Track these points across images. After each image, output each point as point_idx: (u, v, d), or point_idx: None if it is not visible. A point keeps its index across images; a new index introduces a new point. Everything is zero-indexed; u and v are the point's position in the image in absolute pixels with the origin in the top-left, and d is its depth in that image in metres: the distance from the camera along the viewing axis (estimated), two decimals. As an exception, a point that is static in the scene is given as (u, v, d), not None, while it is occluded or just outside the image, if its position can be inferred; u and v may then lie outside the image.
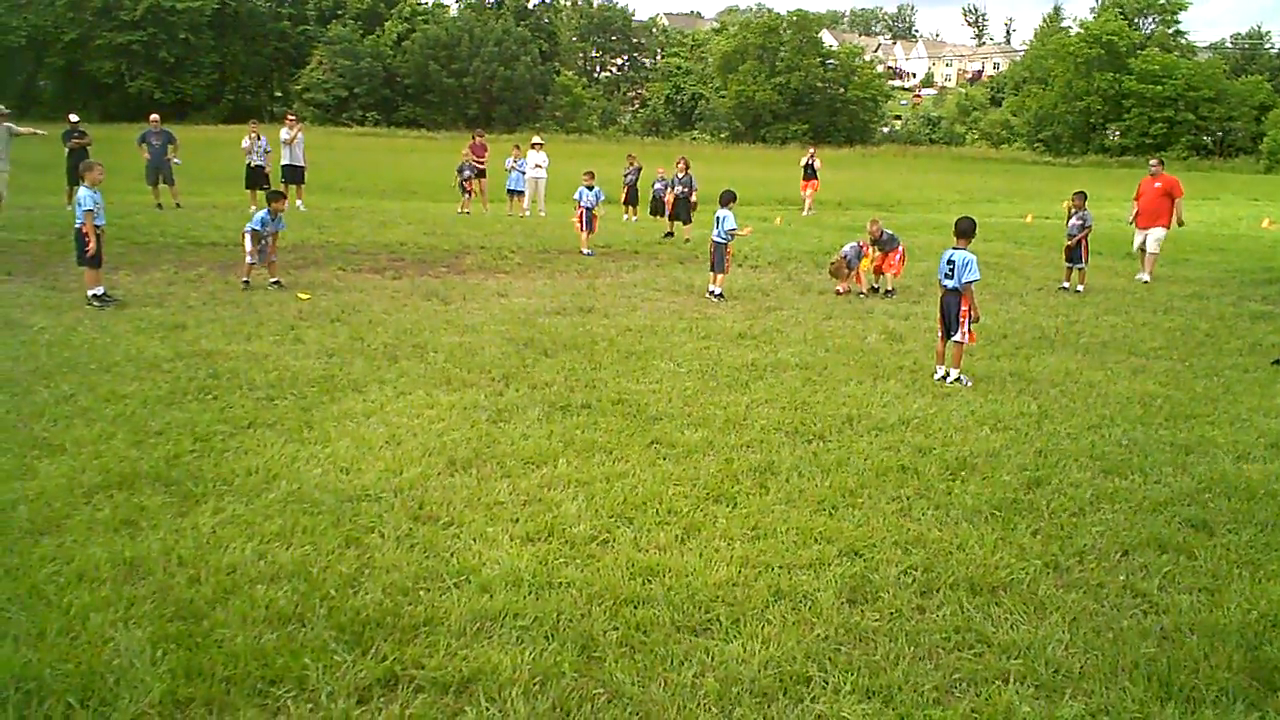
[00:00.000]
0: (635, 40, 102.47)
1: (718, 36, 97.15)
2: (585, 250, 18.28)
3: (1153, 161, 18.11)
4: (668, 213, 22.43)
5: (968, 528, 5.83)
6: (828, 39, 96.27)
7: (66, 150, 22.46)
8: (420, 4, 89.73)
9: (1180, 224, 17.72)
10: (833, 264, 14.93)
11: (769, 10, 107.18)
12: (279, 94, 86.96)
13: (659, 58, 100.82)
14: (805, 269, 17.25)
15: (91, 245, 11.62)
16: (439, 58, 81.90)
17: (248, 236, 13.25)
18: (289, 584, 4.82)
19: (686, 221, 21.64)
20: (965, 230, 9.56)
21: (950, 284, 9.37)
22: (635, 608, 4.75)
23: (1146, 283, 16.47)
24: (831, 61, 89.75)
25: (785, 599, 4.91)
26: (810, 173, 30.60)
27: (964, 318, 9.31)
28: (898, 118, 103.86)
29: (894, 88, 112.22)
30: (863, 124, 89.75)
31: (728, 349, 10.53)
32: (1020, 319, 12.75)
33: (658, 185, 25.06)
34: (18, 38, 73.91)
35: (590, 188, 18.87)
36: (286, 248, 17.13)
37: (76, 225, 11.84)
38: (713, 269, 14.09)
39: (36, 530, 5.36)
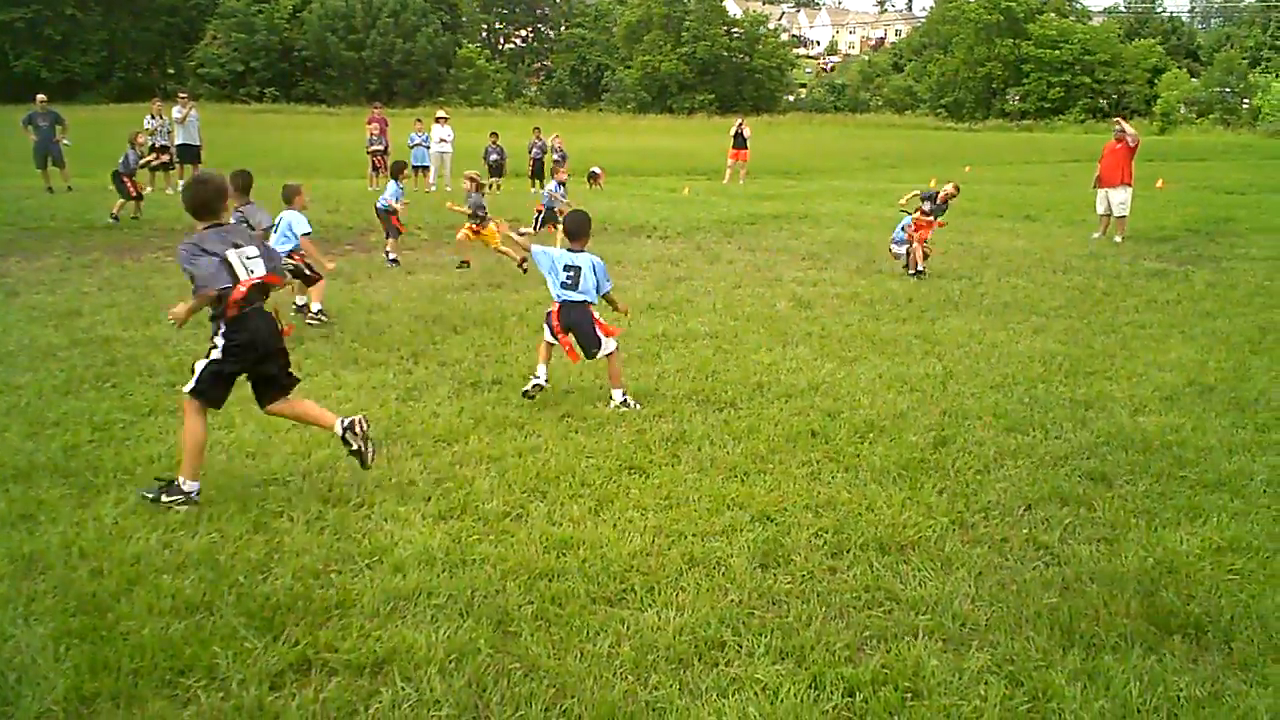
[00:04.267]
0: (539, 11, 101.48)
1: (622, 6, 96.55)
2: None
3: (1117, 125, 18.28)
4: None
5: (876, 489, 5.94)
6: (732, 8, 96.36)
7: (-54, 133, 21.57)
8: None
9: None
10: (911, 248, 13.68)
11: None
12: (171, 70, 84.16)
13: (563, 28, 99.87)
14: (714, 239, 17.33)
15: None
16: (337, 29, 80.00)
17: (386, 215, 13.84)
18: (196, 572, 4.72)
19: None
20: (577, 230, 7.76)
21: (577, 296, 7.57)
22: (550, 581, 4.75)
23: (1118, 244, 16.85)
24: (737, 31, 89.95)
25: (699, 566, 4.95)
26: (740, 141, 30.63)
27: (602, 330, 7.63)
28: (803, 86, 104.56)
29: (799, 56, 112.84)
30: (769, 92, 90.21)
31: (638, 320, 10.52)
32: (925, 283, 12.98)
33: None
34: (-110, 15, 70.48)
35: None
36: (183, 229, 16.70)
37: None
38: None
39: (-72, 528, 5.17)
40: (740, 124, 31.31)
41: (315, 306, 10.25)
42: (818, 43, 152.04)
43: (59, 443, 6.43)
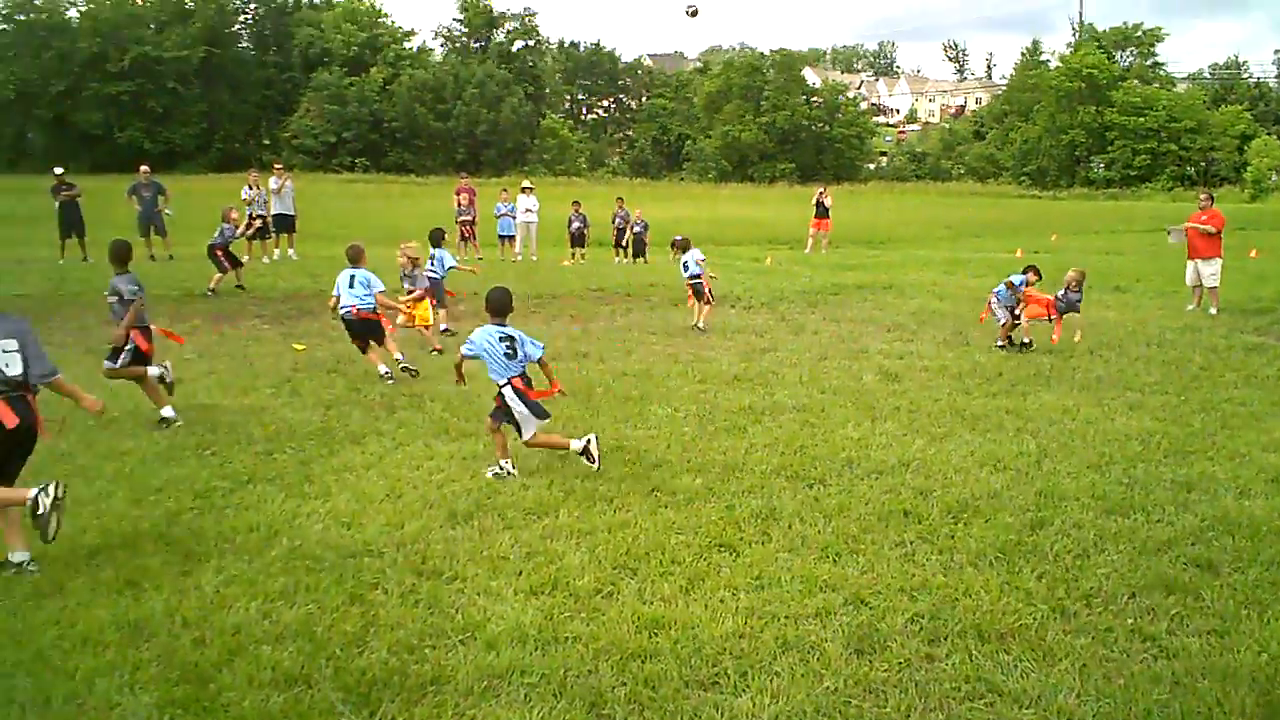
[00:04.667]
0: (621, 82, 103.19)
1: (702, 77, 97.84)
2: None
3: (1201, 196, 18.06)
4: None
5: (972, 572, 5.82)
6: (811, 77, 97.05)
7: (57, 204, 22.51)
8: (405, 49, 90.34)
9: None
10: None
11: (752, 49, 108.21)
12: (267, 141, 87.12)
13: (644, 99, 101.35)
14: (798, 309, 17.30)
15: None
16: (425, 101, 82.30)
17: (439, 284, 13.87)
18: (294, 644, 4.79)
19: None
20: (503, 306, 7.88)
21: (518, 368, 7.80)
22: (642, 662, 4.73)
23: (1214, 316, 16.55)
24: (816, 99, 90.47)
25: (793, 650, 4.89)
26: (822, 211, 30.59)
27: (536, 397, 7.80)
28: (883, 154, 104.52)
29: (878, 124, 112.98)
30: (849, 161, 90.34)
31: (724, 392, 10.54)
32: (1014, 356, 12.79)
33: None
34: (6, 91, 74.09)
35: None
36: (279, 297, 17.17)
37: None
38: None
39: (40, 593, 5.34)
40: (822, 193, 31.28)
41: (383, 369, 10.74)
42: (897, 111, 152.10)
43: (162, 510, 6.61)
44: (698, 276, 14.86)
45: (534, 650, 4.80)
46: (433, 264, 13.96)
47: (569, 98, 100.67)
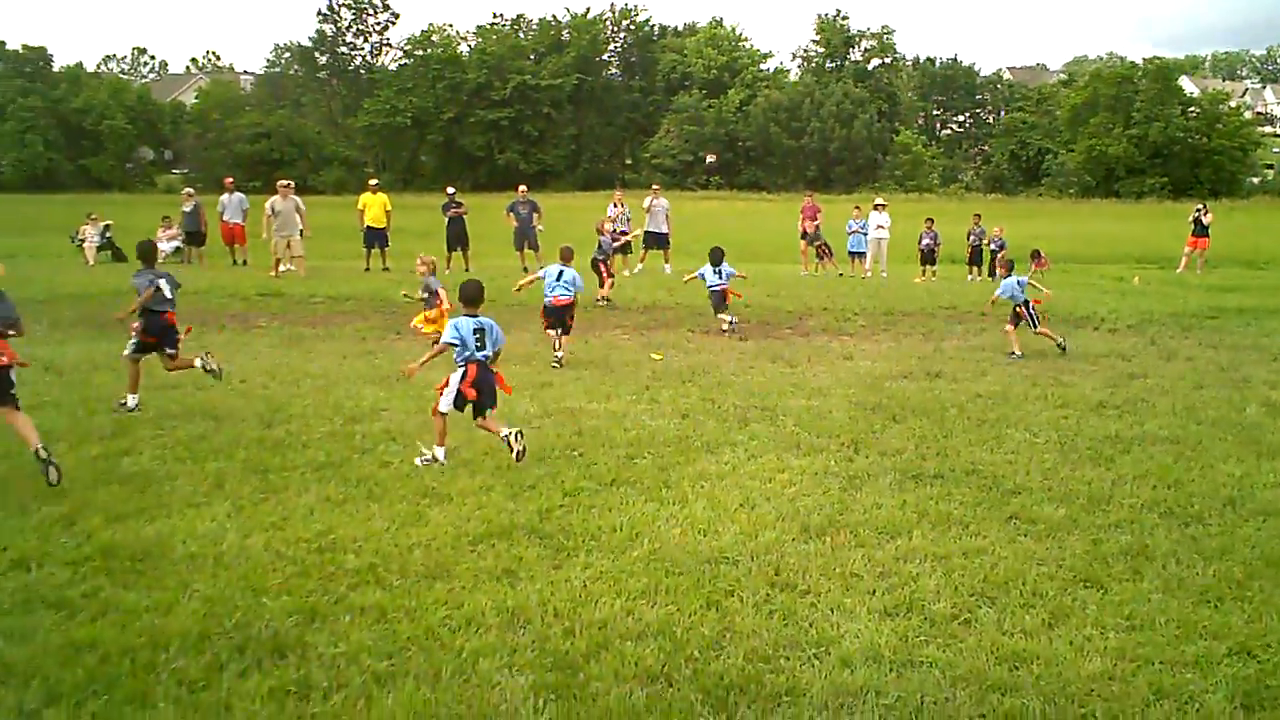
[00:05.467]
0: (978, 96, 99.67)
1: (1066, 89, 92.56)
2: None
3: None
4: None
5: (1387, 633, 5.16)
6: (1188, 86, 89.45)
7: (446, 219, 24.72)
8: (762, 71, 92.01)
9: None
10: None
11: (1122, 59, 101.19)
12: (629, 161, 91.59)
13: (1002, 113, 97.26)
14: (1169, 333, 16.02)
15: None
16: (780, 120, 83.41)
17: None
18: (655, 642, 4.99)
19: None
20: (474, 297, 8.55)
21: (485, 355, 8.35)
22: (1003, 695, 4.55)
23: None
24: (1193, 110, 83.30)
25: (1168, 699, 4.55)
26: (1200, 229, 28.34)
27: (503, 388, 8.55)
28: (1269, 166, 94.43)
29: (1265, 134, 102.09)
30: (1229, 175, 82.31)
31: (1087, 419, 9.95)
32: None
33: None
34: (404, 118, 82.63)
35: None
36: (638, 309, 17.96)
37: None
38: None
39: (429, 575, 5.86)
40: (1201, 210, 28.82)
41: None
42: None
43: (535, 505, 7.08)
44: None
45: (889, 672, 4.74)
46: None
47: (923, 113, 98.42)
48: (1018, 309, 14.08)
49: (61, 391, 10.62)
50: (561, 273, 13.38)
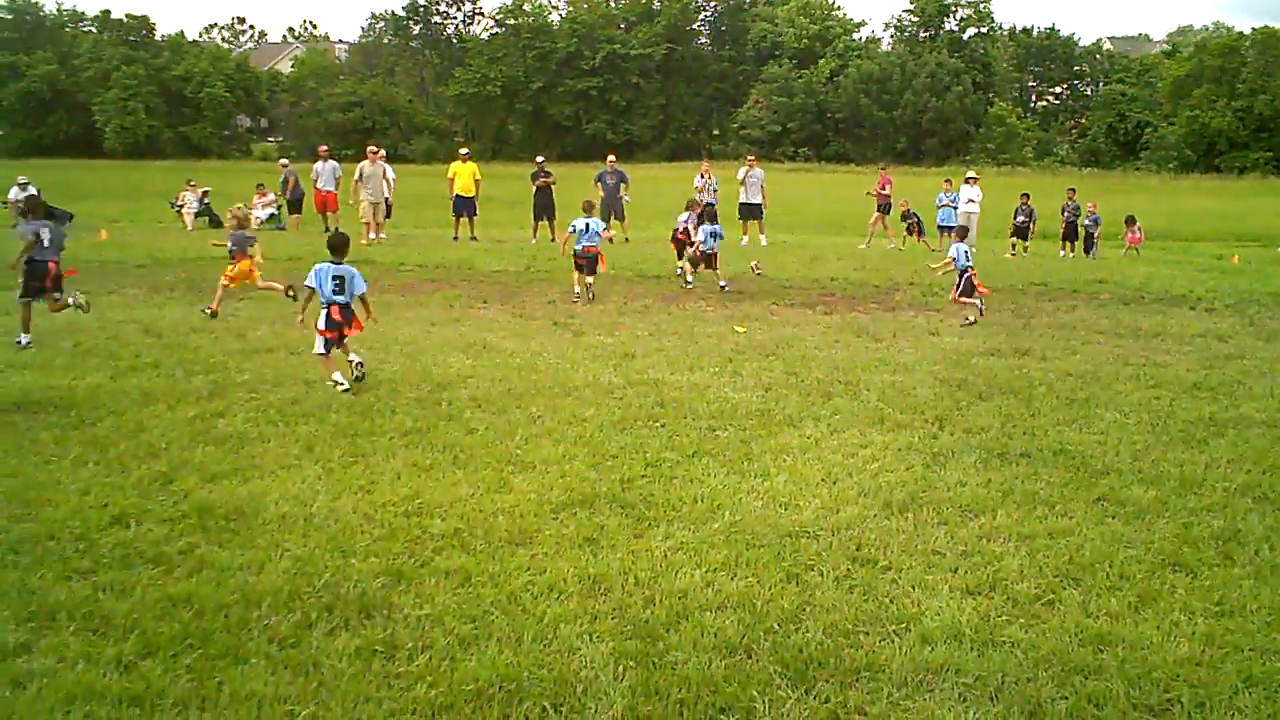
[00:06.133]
0: (1076, 67, 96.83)
1: (1168, 60, 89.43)
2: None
3: None
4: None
5: None
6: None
7: (534, 188, 24.88)
8: (854, 40, 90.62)
9: None
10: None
11: (1229, 29, 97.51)
12: (716, 132, 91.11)
13: (1101, 84, 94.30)
14: (1271, 313, 15.52)
15: None
16: (870, 92, 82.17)
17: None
18: (734, 614, 5.02)
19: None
20: (340, 246, 10.03)
21: (344, 299, 9.69)
22: (1086, 677, 4.50)
23: None
24: (1304, 80, 79.94)
25: (1257, 686, 4.46)
26: None
27: (357, 326, 9.84)
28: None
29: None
30: (1340, 148, 79.05)
31: (1180, 400, 9.70)
32: None
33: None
34: (494, 88, 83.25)
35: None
36: (708, 285, 17.89)
37: None
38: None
39: (513, 541, 5.97)
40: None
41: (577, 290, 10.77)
42: None
43: (617, 474, 7.14)
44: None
45: (970, 650, 4.71)
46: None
47: (1018, 85, 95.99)
48: (963, 275, 14.41)
49: (160, 353, 10.96)
50: (588, 225, 15.26)
